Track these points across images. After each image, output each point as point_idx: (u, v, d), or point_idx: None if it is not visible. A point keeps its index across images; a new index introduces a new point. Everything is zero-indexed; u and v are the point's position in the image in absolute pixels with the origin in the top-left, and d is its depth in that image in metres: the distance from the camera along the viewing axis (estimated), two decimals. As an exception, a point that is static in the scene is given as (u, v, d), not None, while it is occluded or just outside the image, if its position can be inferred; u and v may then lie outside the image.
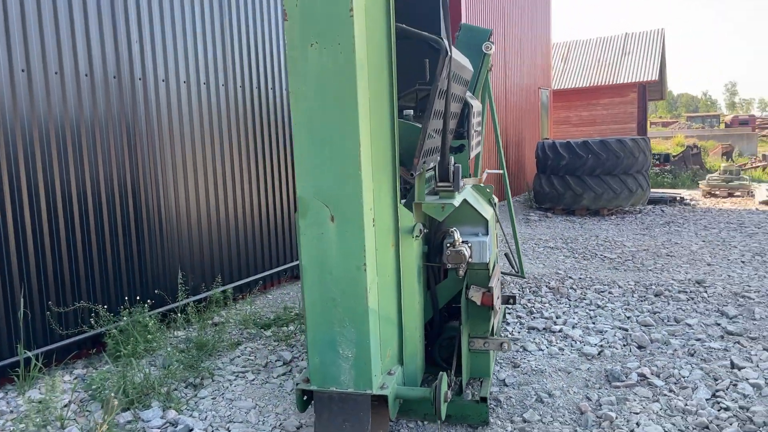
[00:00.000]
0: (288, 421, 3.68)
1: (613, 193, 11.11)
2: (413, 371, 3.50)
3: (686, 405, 3.76)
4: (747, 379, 4.04)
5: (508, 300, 4.60)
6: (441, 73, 3.11)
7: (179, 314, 5.25)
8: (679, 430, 3.50)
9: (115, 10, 4.81)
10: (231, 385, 4.24)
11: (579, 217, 11.35)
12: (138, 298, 4.98)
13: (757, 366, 4.23)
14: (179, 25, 5.39)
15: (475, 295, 3.69)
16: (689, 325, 5.11)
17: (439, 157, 3.46)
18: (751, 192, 14.00)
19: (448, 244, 3.57)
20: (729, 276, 6.65)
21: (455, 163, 3.47)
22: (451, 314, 4.12)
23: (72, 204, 4.53)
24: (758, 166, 20.22)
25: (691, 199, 13.48)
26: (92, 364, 4.64)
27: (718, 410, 3.68)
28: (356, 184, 2.94)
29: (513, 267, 5.37)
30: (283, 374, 4.41)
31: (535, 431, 3.53)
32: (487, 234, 3.79)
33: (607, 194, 11.11)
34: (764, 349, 4.51)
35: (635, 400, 3.85)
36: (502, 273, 5.93)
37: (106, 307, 4.72)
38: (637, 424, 3.56)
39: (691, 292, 6.06)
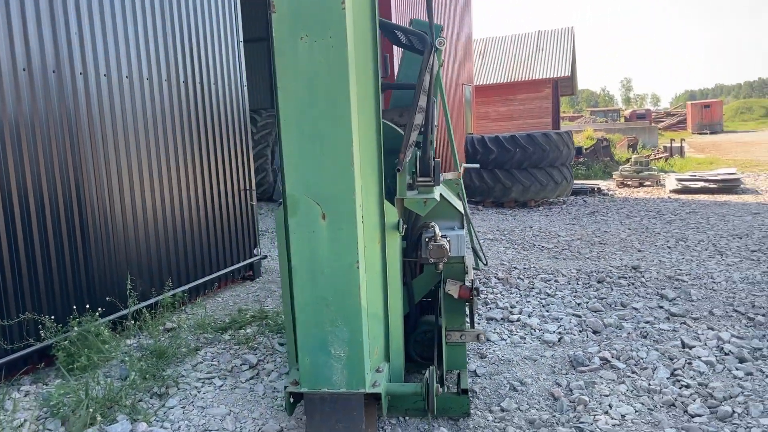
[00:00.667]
0: (267, 426, 3.58)
1: (540, 186, 11.50)
2: (398, 367, 3.50)
3: (650, 385, 3.95)
4: (699, 357, 4.29)
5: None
6: (427, 67, 3.11)
7: (133, 321, 4.99)
8: (648, 409, 3.67)
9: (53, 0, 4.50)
10: (199, 392, 4.08)
11: (509, 209, 11.68)
12: (87, 306, 4.69)
13: (705, 344, 4.51)
14: (119, 17, 5.11)
15: (452, 288, 3.72)
16: (636, 309, 5.37)
17: (420, 152, 3.47)
18: (660, 182, 14.86)
19: (427, 239, 3.58)
20: (660, 261, 7.04)
21: (435, 158, 3.48)
22: (423, 309, 4.14)
23: (12, 207, 4.21)
24: (661, 157, 21.49)
25: (607, 190, 14.15)
26: (41, 379, 4.33)
27: (680, 388, 3.89)
28: (349, 180, 2.89)
29: (481, 259, 5.46)
30: (251, 378, 4.29)
31: (515, 419, 3.61)
32: (462, 227, 3.84)
33: (535, 186, 11.49)
34: (708, 328, 4.81)
35: (602, 383, 4.00)
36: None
37: (53, 317, 4.42)
38: (610, 405, 3.71)
39: (629, 277, 6.38)
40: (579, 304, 5.60)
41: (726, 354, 4.33)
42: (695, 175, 13.33)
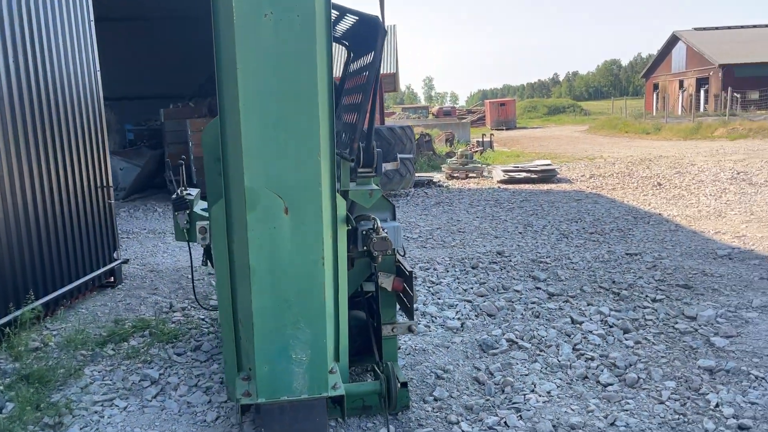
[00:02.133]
0: (199, 445, 3.25)
1: (387, 178, 11.76)
2: (345, 366, 3.36)
3: (560, 361, 4.22)
4: (591, 331, 4.67)
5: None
6: (381, 53, 3.00)
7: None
8: (566, 383, 3.92)
9: None
10: (102, 417, 3.58)
11: (357, 202, 11.77)
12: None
13: (591, 319, 4.92)
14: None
15: (386, 281, 3.65)
16: (518, 291, 5.71)
17: (365, 142, 3.34)
18: (484, 173, 15.94)
19: (364, 231, 3.48)
20: (518, 246, 7.55)
21: (378, 148, 3.38)
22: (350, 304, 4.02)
23: None
24: (476, 151, 23.09)
25: (439, 181, 14.87)
26: None
27: (586, 361, 4.21)
28: (315, 170, 2.71)
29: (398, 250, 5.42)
30: (157, 395, 3.86)
31: (453, 407, 3.65)
32: (395, 219, 3.78)
33: (383, 179, 11.70)
34: (588, 305, 5.25)
35: (518, 364, 4.20)
36: None
37: None
38: (533, 384, 3.89)
39: (499, 262, 6.76)
40: (465, 290, 5.81)
41: (611, 326, 4.76)
42: (518, 167, 14.50)
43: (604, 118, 43.31)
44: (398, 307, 3.78)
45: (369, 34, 3.04)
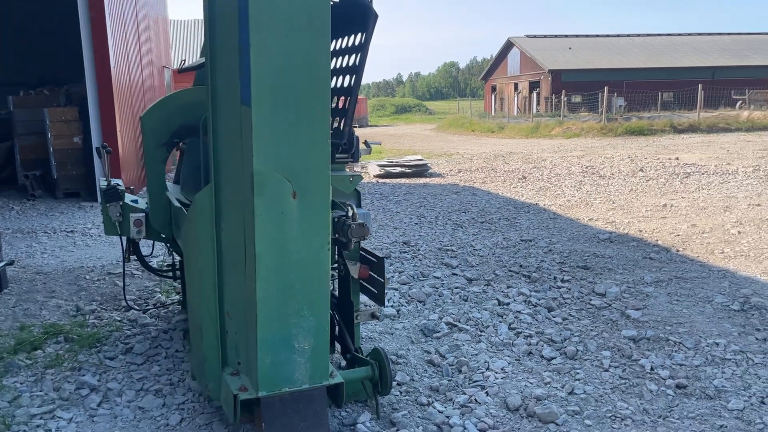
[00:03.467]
0: (174, 449, 3.04)
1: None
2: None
3: (502, 340, 4.45)
4: (519, 311, 4.96)
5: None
6: (371, 37, 2.99)
7: None
8: (515, 359, 4.15)
9: None
10: (50, 431, 3.22)
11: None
12: None
13: (515, 300, 5.22)
14: None
15: (352, 269, 3.64)
16: (438, 278, 5.90)
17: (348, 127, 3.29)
18: (355, 168, 16.16)
19: (337, 218, 3.44)
20: (420, 236, 7.78)
21: (355, 134, 3.35)
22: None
23: None
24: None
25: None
26: None
27: (525, 338, 4.48)
28: (324, 152, 2.65)
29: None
30: (102, 402, 3.54)
31: (420, 389, 3.73)
32: (360, 206, 3.76)
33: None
34: (509, 287, 5.56)
35: (464, 345, 4.36)
36: None
37: None
38: (486, 362, 4.08)
39: (408, 251, 6.92)
40: (387, 279, 5.89)
41: (535, 306, 5.09)
42: (392, 162, 14.86)
43: (451, 117, 45.60)
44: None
45: (357, 16, 3.01)
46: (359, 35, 3.02)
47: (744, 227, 7.68)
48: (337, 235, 3.41)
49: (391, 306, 5.14)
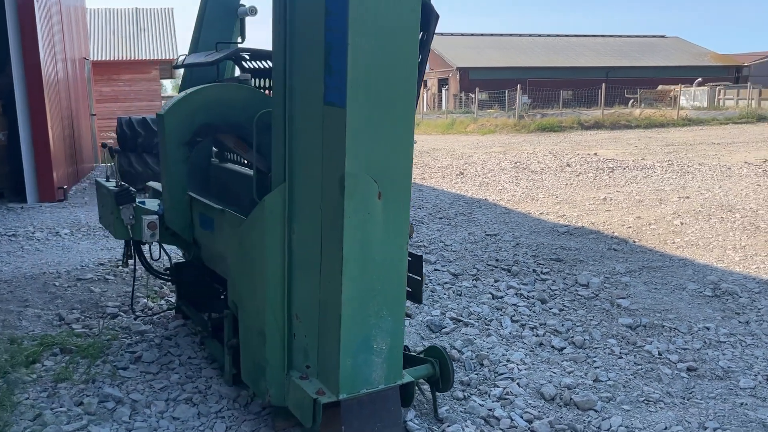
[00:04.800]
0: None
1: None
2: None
3: (510, 333, 4.59)
4: (515, 304, 5.13)
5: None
6: (432, 37, 3.00)
7: None
8: (529, 351, 4.30)
9: None
10: (92, 448, 3.03)
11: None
12: None
13: (507, 293, 5.37)
14: None
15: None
16: (424, 274, 5.96)
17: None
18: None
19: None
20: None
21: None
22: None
23: None
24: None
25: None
26: None
27: (531, 330, 4.64)
28: (408, 153, 2.67)
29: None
30: (134, 414, 3.37)
31: (454, 385, 3.78)
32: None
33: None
34: (496, 281, 5.72)
35: (476, 339, 4.47)
36: None
37: None
38: (503, 355, 4.20)
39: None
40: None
41: (527, 298, 5.28)
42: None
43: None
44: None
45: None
46: (421, 34, 3.03)
47: (684, 218, 8.26)
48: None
49: (390, 303, 5.16)
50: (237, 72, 4.56)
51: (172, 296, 5.26)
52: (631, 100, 41.30)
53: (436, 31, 3.06)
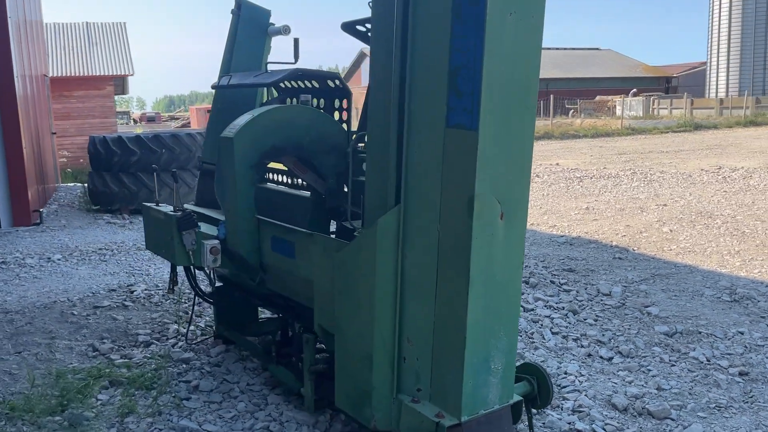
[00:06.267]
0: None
1: (189, 188, 10.94)
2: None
3: (555, 345, 4.65)
4: (548, 316, 5.20)
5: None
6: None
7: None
8: (581, 363, 4.37)
9: None
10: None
11: (157, 216, 10.65)
12: None
13: (538, 305, 5.45)
14: None
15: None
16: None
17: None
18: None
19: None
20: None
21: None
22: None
23: None
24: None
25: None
26: None
27: (575, 341, 4.71)
28: (528, 173, 2.70)
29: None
30: (216, 448, 3.26)
31: (521, 399, 3.81)
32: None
33: (184, 189, 10.87)
34: (522, 293, 5.78)
35: (525, 352, 4.51)
36: None
37: None
38: (558, 367, 4.25)
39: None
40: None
41: (559, 309, 5.37)
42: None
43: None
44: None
45: None
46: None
47: (670, 226, 8.58)
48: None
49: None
50: (274, 93, 4.52)
51: (200, 321, 5.12)
52: (572, 111, 42.69)
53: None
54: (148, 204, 4.20)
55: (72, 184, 14.70)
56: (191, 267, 4.23)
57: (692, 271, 6.47)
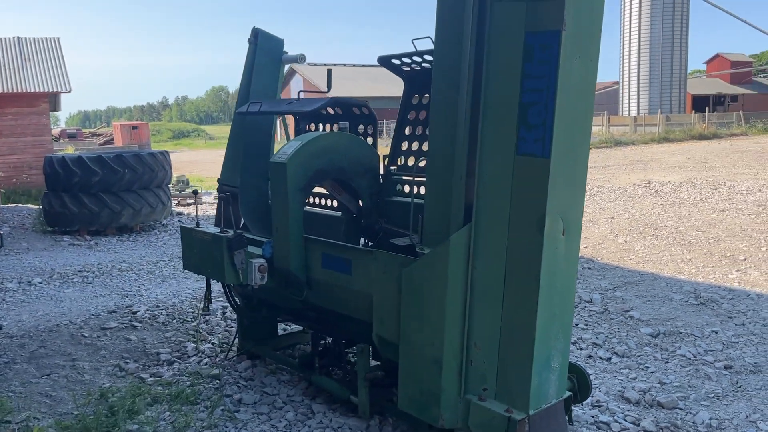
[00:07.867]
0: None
1: (151, 208, 10.85)
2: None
3: (596, 354, 5.06)
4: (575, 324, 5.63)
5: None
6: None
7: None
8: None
9: None
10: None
11: (126, 236, 10.48)
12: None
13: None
14: None
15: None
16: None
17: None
18: (203, 198, 15.60)
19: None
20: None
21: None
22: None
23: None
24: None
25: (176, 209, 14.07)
26: None
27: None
28: (583, 194, 3.09)
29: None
30: (283, 455, 3.45)
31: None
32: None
33: (146, 209, 10.78)
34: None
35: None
36: None
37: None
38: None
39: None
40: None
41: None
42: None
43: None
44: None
45: None
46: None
47: (623, 237, 9.28)
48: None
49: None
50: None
51: (214, 338, 5.24)
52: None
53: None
54: (189, 226, 4.34)
55: (13, 205, 14.17)
56: (228, 285, 4.40)
57: (656, 278, 7.09)
